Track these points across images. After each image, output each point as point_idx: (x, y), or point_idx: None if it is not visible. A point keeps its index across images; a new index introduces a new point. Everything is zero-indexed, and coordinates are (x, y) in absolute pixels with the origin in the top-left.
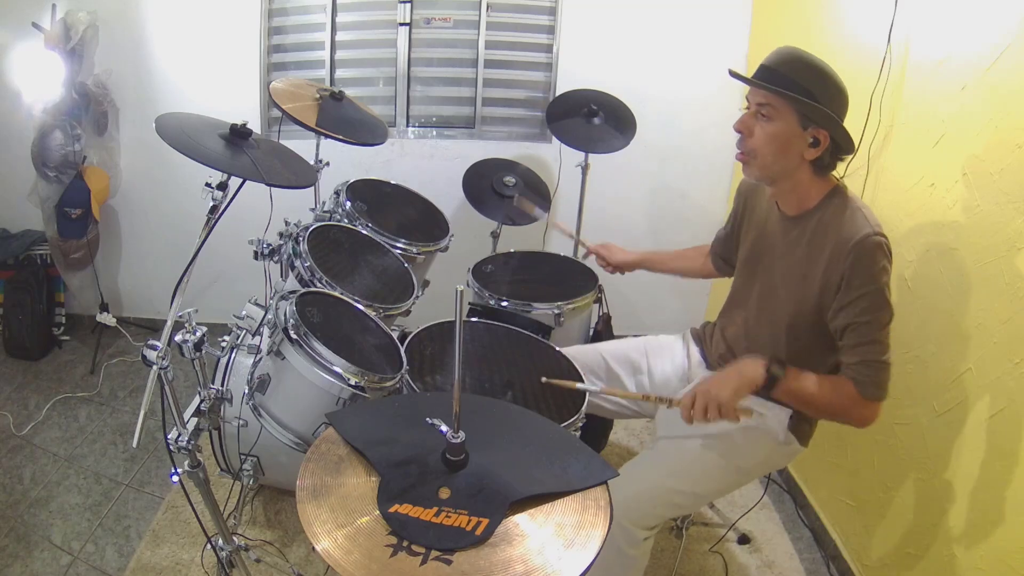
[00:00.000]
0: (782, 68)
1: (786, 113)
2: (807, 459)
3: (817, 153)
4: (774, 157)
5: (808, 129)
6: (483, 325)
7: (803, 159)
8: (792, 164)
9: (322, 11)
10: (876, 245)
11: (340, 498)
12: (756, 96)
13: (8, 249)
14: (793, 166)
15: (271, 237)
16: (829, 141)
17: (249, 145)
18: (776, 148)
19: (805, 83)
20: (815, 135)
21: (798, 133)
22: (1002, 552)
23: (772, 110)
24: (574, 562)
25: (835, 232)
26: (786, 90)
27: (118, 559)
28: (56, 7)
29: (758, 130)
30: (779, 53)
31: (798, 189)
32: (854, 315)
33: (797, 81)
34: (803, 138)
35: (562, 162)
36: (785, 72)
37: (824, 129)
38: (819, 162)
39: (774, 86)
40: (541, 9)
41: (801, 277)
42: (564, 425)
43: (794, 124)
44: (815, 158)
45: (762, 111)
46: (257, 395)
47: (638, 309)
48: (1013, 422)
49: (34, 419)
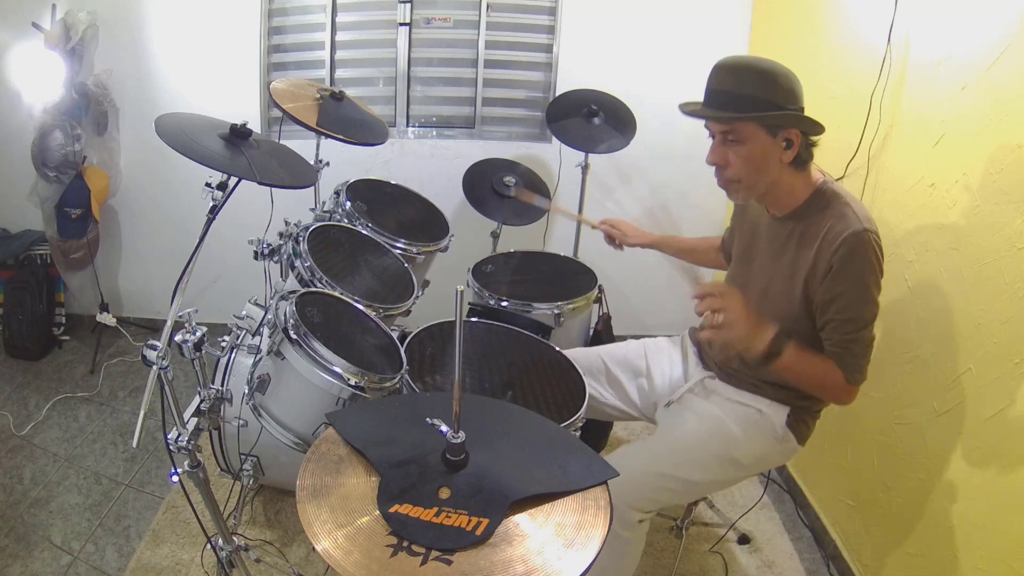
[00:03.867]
0: (731, 87)
1: (753, 131)
2: (807, 459)
3: (794, 153)
4: (757, 176)
5: (779, 135)
6: (483, 325)
7: (782, 164)
8: (774, 173)
9: (322, 11)
10: (865, 241)
11: (340, 498)
12: (716, 125)
13: (8, 249)
14: (776, 175)
15: (271, 237)
16: (800, 135)
17: (249, 145)
18: (755, 167)
19: (759, 93)
20: (787, 137)
21: (771, 143)
22: (1002, 552)
23: (738, 134)
24: (574, 562)
25: (823, 229)
26: (743, 112)
27: (118, 559)
28: (56, 7)
29: (732, 157)
30: (723, 71)
31: (785, 192)
32: (837, 311)
33: (750, 95)
34: (776, 146)
35: (562, 162)
36: (736, 90)
37: (794, 128)
38: (798, 160)
39: (728, 112)
40: (541, 9)
41: (791, 276)
42: (564, 425)
43: (764, 138)
44: (792, 158)
45: (729, 137)
46: (257, 395)
47: (638, 309)
48: (1013, 422)
49: (34, 419)
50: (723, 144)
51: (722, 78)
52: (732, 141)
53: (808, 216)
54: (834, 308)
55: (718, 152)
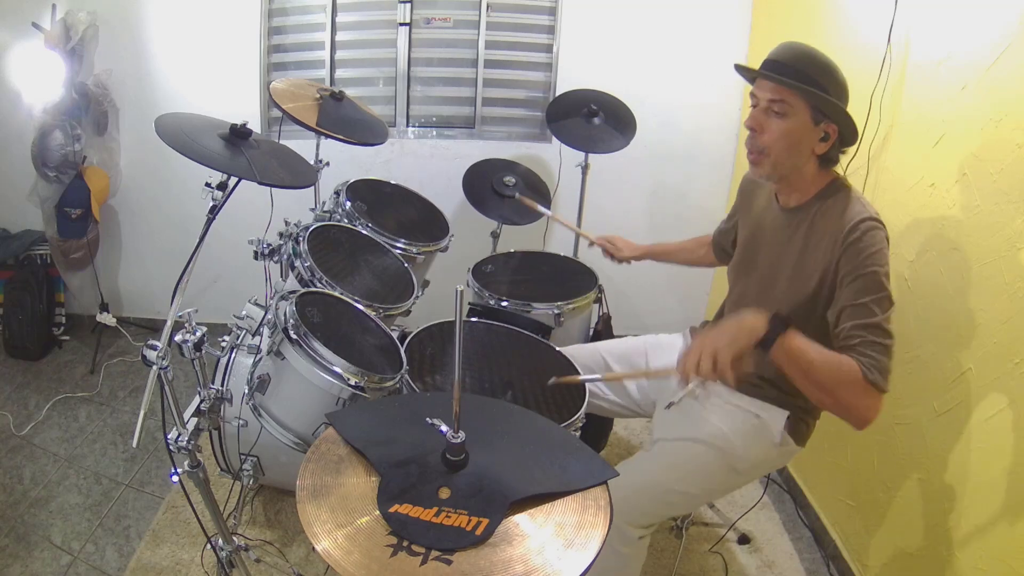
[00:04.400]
0: (792, 62)
1: (799, 108)
2: (807, 459)
3: (827, 147)
4: (787, 154)
5: (820, 124)
6: (483, 325)
7: (812, 154)
8: (802, 160)
9: (322, 11)
10: (871, 228)
11: (340, 498)
12: (766, 92)
13: (8, 249)
14: (803, 162)
15: (271, 237)
16: (837, 135)
17: (249, 145)
18: (788, 144)
19: (816, 76)
20: (826, 129)
21: (810, 128)
22: (1002, 552)
23: (785, 106)
24: (574, 562)
25: (833, 221)
26: (800, 83)
27: (118, 559)
28: (56, 7)
29: (771, 126)
30: (786, 47)
31: (801, 182)
32: (851, 297)
33: (808, 75)
34: (815, 133)
35: (562, 162)
36: (796, 66)
37: (835, 123)
38: (826, 156)
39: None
40: (541, 9)
41: (799, 268)
42: (564, 425)
43: (807, 119)
44: (824, 152)
45: (775, 107)
46: (257, 395)
47: (638, 309)
48: (1013, 422)
49: (34, 419)
50: (765, 113)
51: (785, 52)
52: (776, 113)
53: (817, 208)
54: (847, 294)
55: (758, 117)
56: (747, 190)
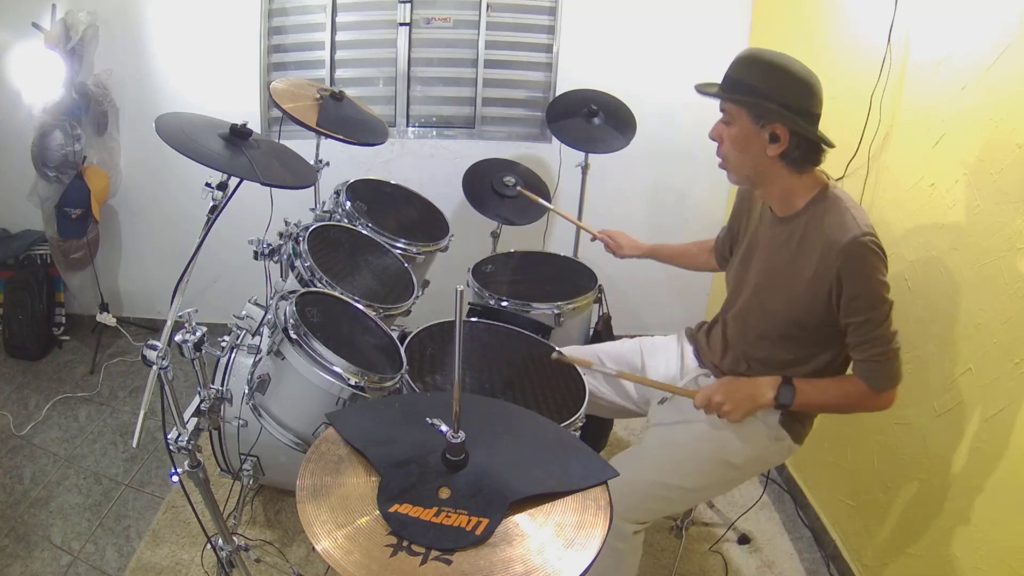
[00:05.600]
0: (732, 73)
1: (739, 114)
2: (807, 459)
3: (780, 148)
4: (739, 158)
5: (764, 126)
6: (483, 325)
7: (768, 156)
8: (761, 164)
9: (322, 11)
10: (864, 246)
11: (340, 498)
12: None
13: (8, 249)
14: (764, 166)
15: (271, 237)
16: (789, 135)
17: (249, 145)
18: (738, 149)
19: (753, 81)
20: (772, 131)
21: (754, 131)
22: (1002, 552)
23: (729, 115)
24: (574, 562)
25: (824, 234)
26: (732, 93)
27: (118, 559)
28: (56, 7)
29: (725, 135)
30: (735, 59)
31: (782, 190)
32: (852, 315)
33: (744, 81)
34: (760, 135)
35: (562, 162)
36: (736, 76)
37: (778, 123)
38: (788, 158)
39: (724, 93)
40: (541, 9)
41: (791, 278)
42: (564, 425)
43: (748, 123)
44: (781, 153)
45: (724, 117)
46: (257, 395)
47: (638, 309)
48: (1013, 422)
49: (34, 419)
50: (723, 124)
51: (733, 64)
52: (725, 123)
53: (807, 220)
54: (848, 313)
55: (718, 129)
56: (745, 197)
